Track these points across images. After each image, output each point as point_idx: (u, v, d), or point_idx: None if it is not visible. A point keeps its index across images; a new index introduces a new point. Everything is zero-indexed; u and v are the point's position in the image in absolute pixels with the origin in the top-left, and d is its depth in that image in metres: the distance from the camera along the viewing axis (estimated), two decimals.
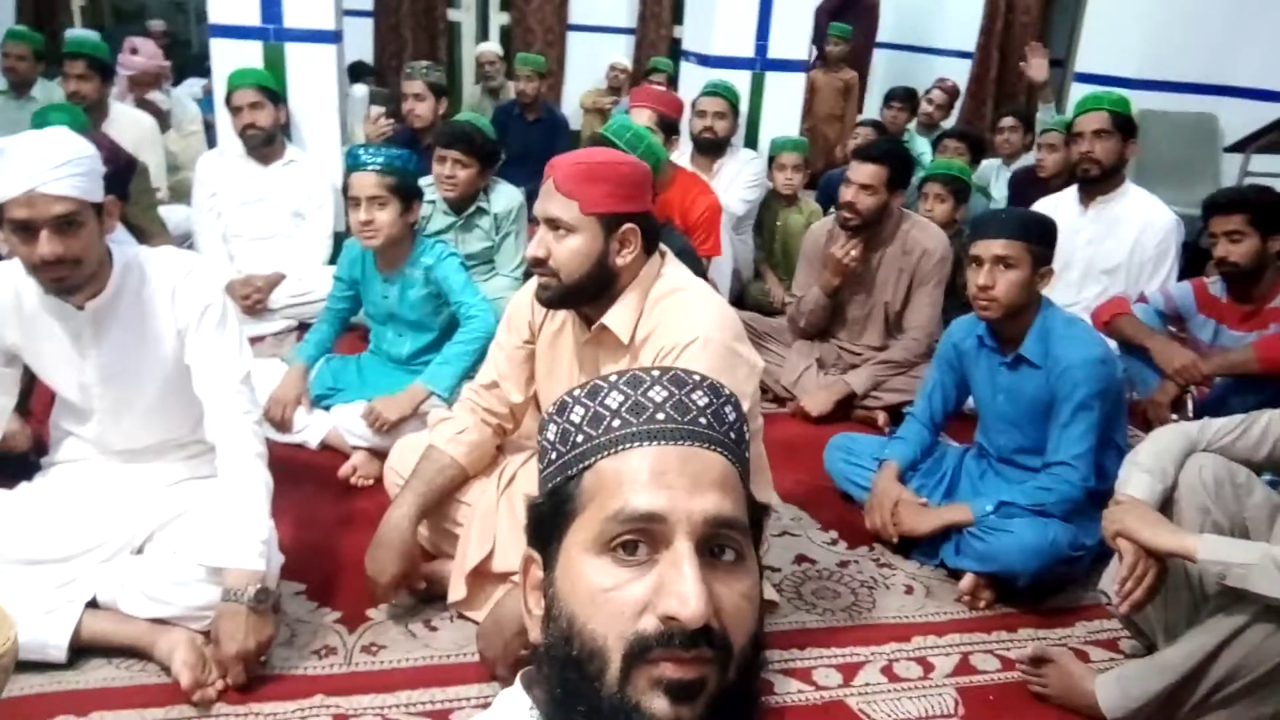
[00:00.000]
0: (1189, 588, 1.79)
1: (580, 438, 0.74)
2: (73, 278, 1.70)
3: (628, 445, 0.72)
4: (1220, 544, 1.61)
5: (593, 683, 0.67)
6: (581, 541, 0.71)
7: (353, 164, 2.56)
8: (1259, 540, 1.73)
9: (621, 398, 0.74)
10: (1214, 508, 1.76)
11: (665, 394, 0.74)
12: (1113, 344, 2.73)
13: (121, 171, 2.68)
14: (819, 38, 5.77)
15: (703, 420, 0.73)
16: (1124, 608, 1.69)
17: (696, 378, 0.76)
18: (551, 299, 1.79)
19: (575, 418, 0.75)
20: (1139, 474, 1.78)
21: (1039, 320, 2.26)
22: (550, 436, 0.77)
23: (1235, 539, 1.69)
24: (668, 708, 0.66)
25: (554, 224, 1.71)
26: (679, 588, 0.66)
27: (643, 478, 0.70)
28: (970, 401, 2.56)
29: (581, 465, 0.73)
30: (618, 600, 0.68)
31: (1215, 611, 1.66)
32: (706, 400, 0.75)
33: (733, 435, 0.75)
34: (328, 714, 1.72)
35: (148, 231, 3.26)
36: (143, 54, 4.57)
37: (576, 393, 0.76)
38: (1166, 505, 1.78)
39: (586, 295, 1.77)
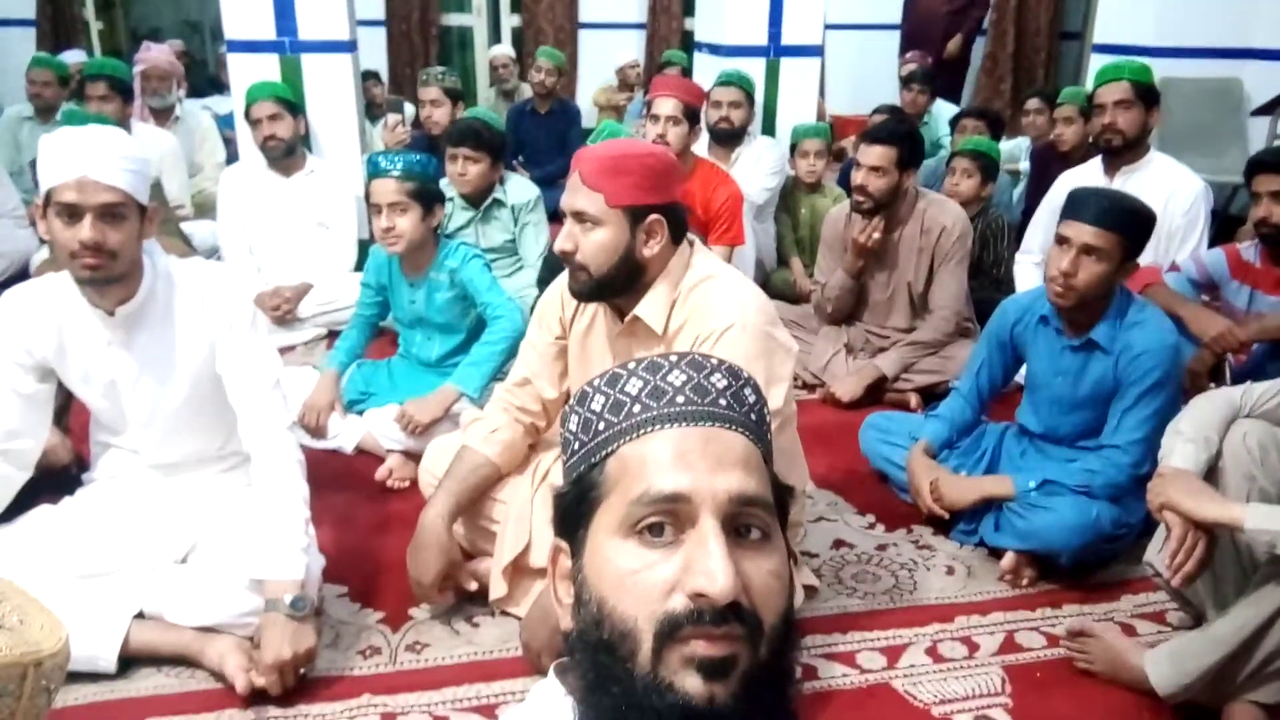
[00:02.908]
0: (1237, 557, 1.76)
1: (602, 425, 0.74)
2: (106, 269, 1.72)
3: (649, 429, 0.72)
4: (1269, 512, 1.58)
5: (625, 664, 0.68)
6: (607, 526, 0.71)
7: (373, 171, 2.58)
8: None
9: (641, 384, 0.74)
10: (1259, 474, 1.72)
11: (684, 377, 0.74)
12: None
13: None
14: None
15: (722, 402, 0.74)
16: (1175, 581, 1.66)
17: (715, 361, 0.77)
18: (582, 291, 1.79)
19: (596, 406, 0.75)
20: (1182, 444, 1.75)
21: (1115, 305, 2.17)
22: (572, 427, 0.77)
23: None
24: (701, 685, 0.66)
25: (580, 217, 1.71)
26: (706, 565, 0.66)
27: (666, 460, 0.70)
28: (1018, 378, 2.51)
29: (604, 452, 0.74)
30: (646, 581, 0.68)
31: (1265, 581, 1.63)
32: (726, 382, 0.75)
33: (753, 416, 0.76)
34: (375, 713, 1.73)
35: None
36: (156, 52, 4.65)
37: (596, 382, 0.77)
38: (1211, 473, 1.74)
39: (616, 287, 1.77)
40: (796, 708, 0.72)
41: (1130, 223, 2.10)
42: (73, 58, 5.52)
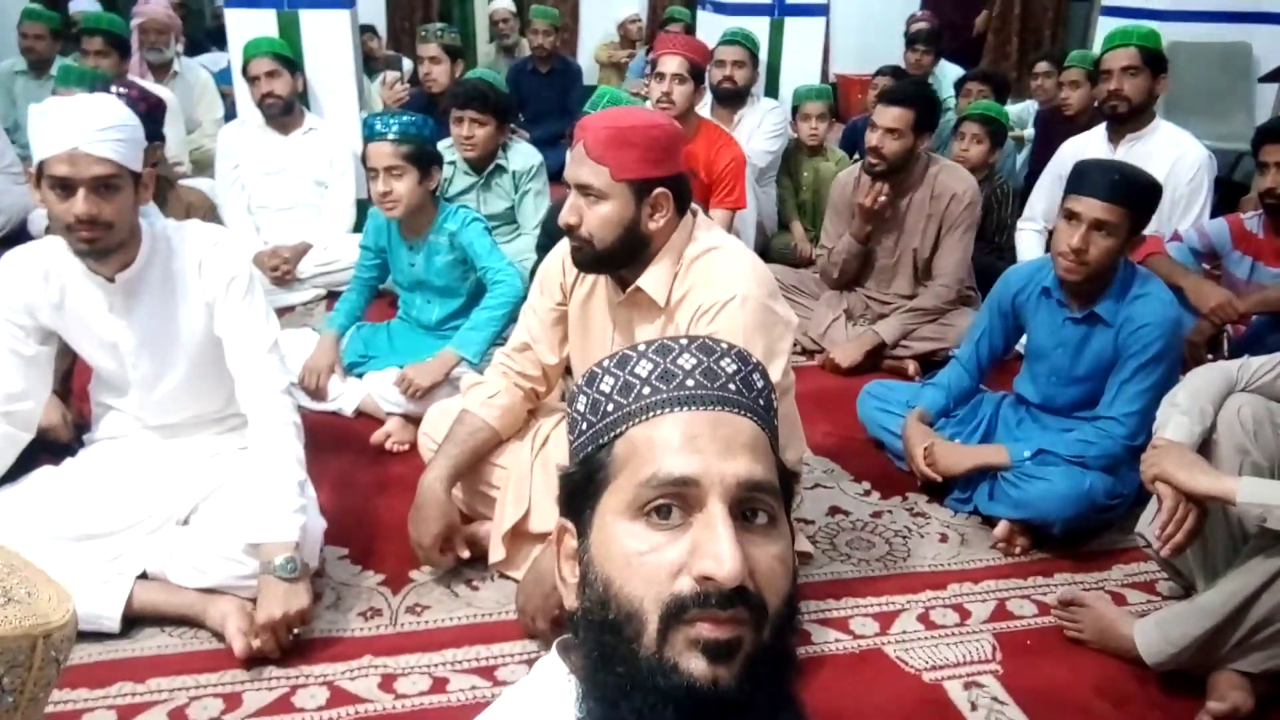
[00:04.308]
0: (1228, 528, 1.78)
1: (611, 406, 0.75)
2: (103, 241, 1.72)
3: (659, 412, 0.73)
4: (1260, 486, 1.60)
5: (630, 644, 0.68)
6: (615, 508, 0.72)
7: (368, 134, 2.56)
8: None
9: (651, 366, 0.75)
10: (1253, 448, 1.73)
11: (694, 361, 0.75)
12: None
13: (154, 111, 2.72)
14: None
15: (731, 386, 0.75)
16: (1165, 551, 1.68)
17: (724, 345, 0.77)
18: (584, 262, 1.78)
19: (605, 387, 0.76)
20: (1177, 416, 1.76)
21: (1119, 279, 2.16)
22: (580, 407, 0.78)
23: (1276, 481, 1.67)
24: (705, 667, 0.67)
25: (585, 190, 1.69)
26: (714, 548, 0.67)
27: (675, 443, 0.71)
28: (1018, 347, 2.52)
29: (613, 433, 0.74)
30: (653, 563, 0.69)
31: (1255, 553, 1.65)
32: (735, 367, 0.76)
33: (761, 401, 0.76)
34: (376, 674, 1.76)
35: (171, 183, 3.21)
36: (154, 4, 4.59)
37: (605, 363, 0.77)
38: (1205, 446, 1.76)
39: (620, 260, 1.76)
40: (797, 688, 0.73)
41: (1138, 196, 2.10)
42: (79, 6, 5.43)
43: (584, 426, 0.77)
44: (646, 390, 0.74)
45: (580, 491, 0.76)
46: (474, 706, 1.70)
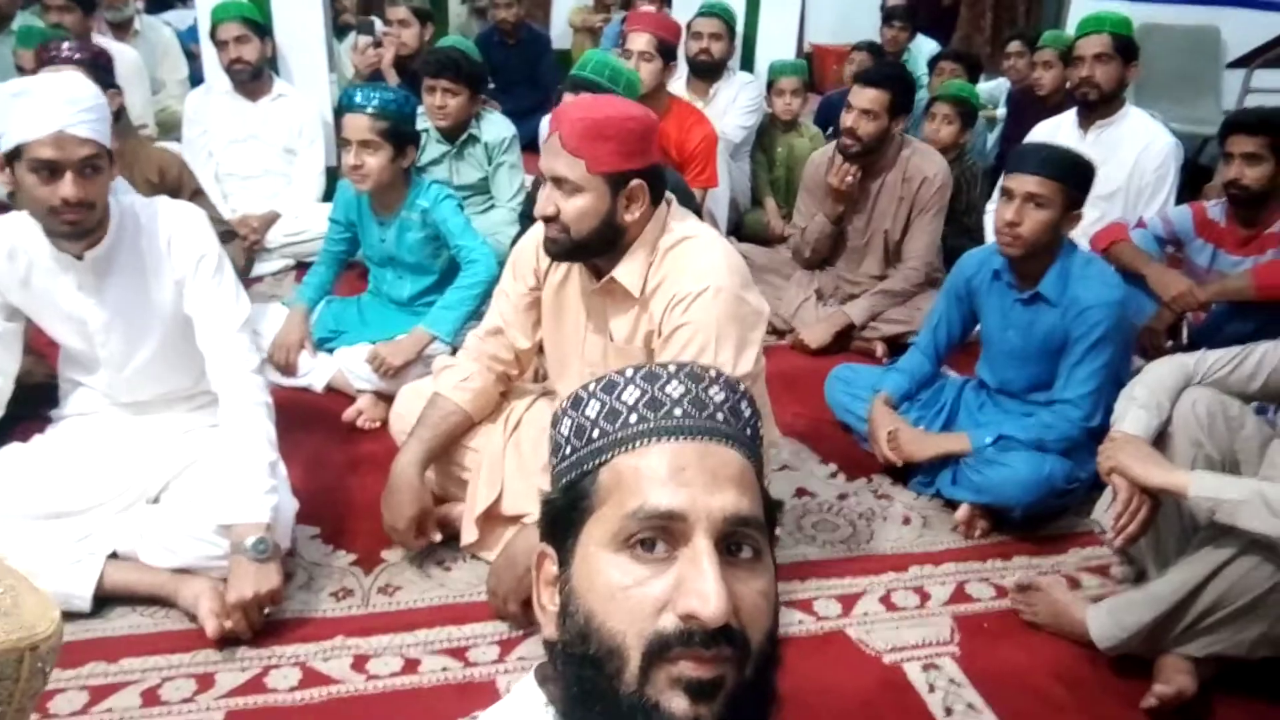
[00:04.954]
0: (1179, 519, 1.84)
1: (596, 433, 0.74)
2: (86, 221, 1.72)
3: (646, 441, 0.72)
4: (1211, 480, 1.65)
5: (611, 681, 0.68)
6: (599, 538, 0.71)
7: (346, 104, 2.51)
8: (1249, 472, 1.79)
9: (638, 393, 0.74)
10: (1206, 441, 1.79)
11: (683, 389, 0.74)
12: None
13: (99, 59, 2.69)
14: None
15: (720, 416, 0.74)
16: (1118, 542, 1.74)
17: (713, 373, 0.76)
18: (559, 253, 1.79)
19: (591, 412, 0.75)
20: (1135, 409, 1.81)
21: (1060, 259, 2.23)
22: (564, 431, 0.76)
23: (1226, 475, 1.73)
24: (687, 706, 0.66)
25: (560, 182, 1.69)
26: (699, 586, 0.66)
27: (661, 475, 0.70)
28: (975, 331, 2.57)
29: (598, 461, 0.73)
30: (636, 598, 0.68)
31: (1204, 543, 1.71)
32: (723, 396, 0.75)
33: (748, 431, 0.76)
34: (348, 654, 1.78)
35: (137, 137, 3.11)
36: None
37: (592, 387, 0.76)
38: (1161, 438, 1.81)
39: (594, 250, 1.77)
40: None
41: (1071, 172, 2.18)
42: None
43: (568, 451, 0.76)
44: (634, 418, 0.73)
45: (563, 519, 0.74)
46: (445, 688, 1.73)
